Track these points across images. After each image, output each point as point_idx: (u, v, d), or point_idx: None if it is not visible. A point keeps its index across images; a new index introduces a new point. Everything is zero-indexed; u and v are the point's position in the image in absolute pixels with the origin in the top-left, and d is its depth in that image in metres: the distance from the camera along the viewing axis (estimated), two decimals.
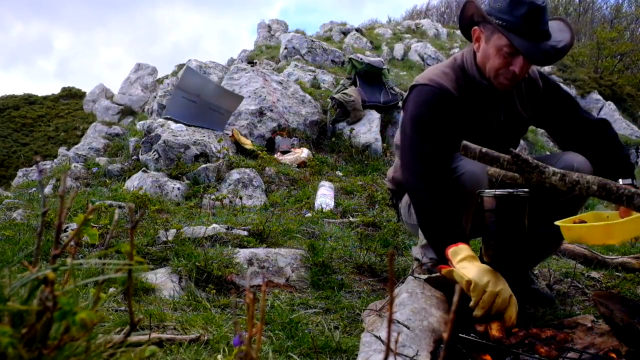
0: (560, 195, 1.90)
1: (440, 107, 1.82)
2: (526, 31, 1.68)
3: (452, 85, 1.85)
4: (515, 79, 1.78)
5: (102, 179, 4.79)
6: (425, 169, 1.77)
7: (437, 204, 1.71)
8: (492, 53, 1.77)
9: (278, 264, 2.32)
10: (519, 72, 1.74)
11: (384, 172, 5.32)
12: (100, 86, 17.89)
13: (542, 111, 1.99)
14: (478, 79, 1.86)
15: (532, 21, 1.68)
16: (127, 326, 0.71)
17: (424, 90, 1.86)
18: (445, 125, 1.82)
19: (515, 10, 1.68)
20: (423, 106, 1.84)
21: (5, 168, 16.19)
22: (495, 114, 1.92)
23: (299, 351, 1.47)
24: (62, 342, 0.57)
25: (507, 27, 1.69)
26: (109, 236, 0.77)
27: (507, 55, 1.73)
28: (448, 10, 24.21)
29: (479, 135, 1.81)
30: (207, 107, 5.22)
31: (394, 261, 0.43)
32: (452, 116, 1.84)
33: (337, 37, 13.23)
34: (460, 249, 1.60)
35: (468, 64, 1.89)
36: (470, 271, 1.51)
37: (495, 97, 1.90)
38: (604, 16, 21.23)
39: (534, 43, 1.69)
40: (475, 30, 1.84)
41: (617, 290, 2.29)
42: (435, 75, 1.88)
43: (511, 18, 1.68)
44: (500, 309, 1.47)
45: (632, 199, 1.08)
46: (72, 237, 0.65)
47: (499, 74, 1.79)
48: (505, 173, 1.35)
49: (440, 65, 1.97)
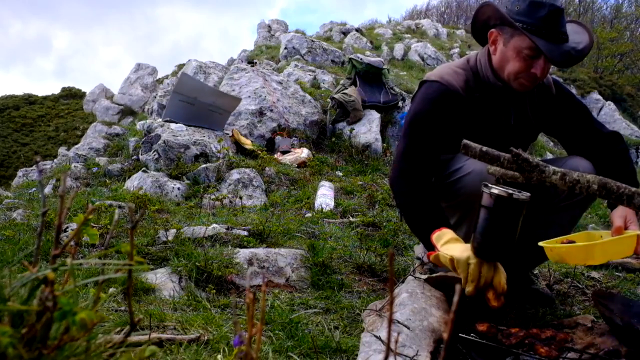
0: (563, 199, 1.90)
1: (443, 106, 1.83)
2: (547, 33, 1.67)
3: (461, 85, 1.86)
4: (536, 80, 1.78)
5: (102, 179, 4.79)
6: (410, 166, 1.81)
7: (417, 196, 1.77)
8: (512, 55, 1.76)
9: (278, 264, 2.32)
10: (540, 74, 1.74)
11: (384, 172, 5.32)
12: (100, 86, 17.89)
13: (553, 118, 1.98)
14: (492, 81, 1.85)
15: (552, 23, 1.67)
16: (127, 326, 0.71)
17: (433, 87, 1.88)
18: (446, 124, 1.83)
19: (535, 12, 1.68)
20: (426, 103, 1.86)
21: (5, 168, 16.19)
22: (505, 117, 1.92)
23: (299, 351, 1.47)
24: (62, 342, 0.57)
25: (527, 29, 1.69)
26: (109, 236, 0.77)
27: (527, 58, 1.73)
28: (448, 10, 24.22)
29: (486, 137, 1.80)
30: (205, 108, 5.23)
31: (394, 261, 0.43)
32: (457, 116, 1.84)
33: (337, 37, 13.23)
34: (444, 232, 1.64)
35: (482, 66, 1.88)
36: (453, 250, 1.57)
37: (506, 101, 1.90)
38: (604, 16, 21.24)
39: (555, 44, 1.69)
40: (492, 33, 1.83)
41: (617, 290, 2.29)
42: (446, 73, 1.89)
43: (531, 20, 1.68)
44: (488, 279, 1.50)
45: (632, 198, 1.08)
46: (72, 237, 0.65)
47: (519, 77, 1.78)
48: (505, 172, 1.34)
49: (452, 64, 1.97)
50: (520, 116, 1.94)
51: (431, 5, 25.10)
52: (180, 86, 5.21)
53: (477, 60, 1.92)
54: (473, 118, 1.87)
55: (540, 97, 1.96)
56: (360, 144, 5.97)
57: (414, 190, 1.78)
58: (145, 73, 16.15)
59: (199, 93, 5.17)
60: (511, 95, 1.88)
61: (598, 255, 1.57)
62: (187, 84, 5.24)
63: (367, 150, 5.92)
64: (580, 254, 1.56)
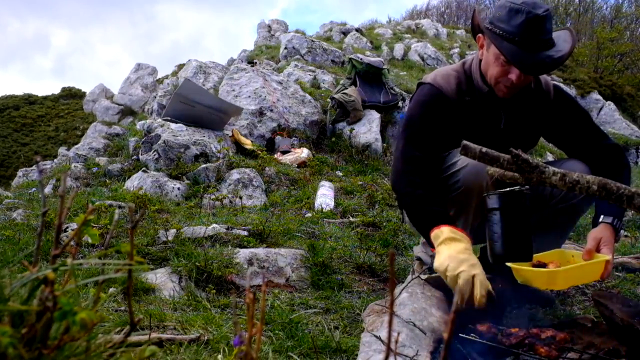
0: (559, 202, 1.90)
1: (434, 108, 1.87)
2: (521, 40, 1.67)
3: (452, 87, 1.88)
4: (513, 87, 1.79)
5: (102, 179, 4.78)
6: (409, 167, 1.83)
7: (418, 193, 1.77)
8: (492, 61, 1.79)
9: (278, 264, 2.32)
10: (516, 80, 1.74)
11: (384, 172, 5.32)
12: (100, 86, 17.89)
13: (551, 125, 1.98)
14: (479, 85, 1.88)
15: (529, 30, 1.67)
16: (127, 326, 0.71)
17: (425, 89, 1.92)
18: (437, 127, 1.86)
19: (513, 20, 1.68)
20: (418, 106, 1.91)
21: (5, 168, 16.18)
22: (495, 121, 1.92)
23: (299, 351, 1.47)
24: (62, 342, 0.57)
25: (503, 36, 1.70)
26: (109, 236, 0.77)
27: (504, 64, 1.75)
28: (448, 11, 24.21)
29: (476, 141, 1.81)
30: (205, 111, 5.23)
31: (394, 261, 0.43)
32: (447, 118, 1.86)
33: (337, 37, 13.23)
34: (441, 231, 1.64)
35: (473, 69, 1.91)
36: (437, 258, 1.58)
37: (496, 105, 1.90)
38: (604, 16, 21.22)
39: (529, 53, 1.68)
40: (479, 38, 1.87)
41: (617, 290, 2.29)
42: (440, 76, 1.93)
43: (508, 27, 1.69)
44: (463, 291, 1.49)
45: (632, 199, 1.08)
46: (72, 237, 0.65)
47: (498, 82, 1.81)
48: (504, 172, 1.34)
49: (448, 67, 2.01)
50: (511, 121, 1.93)
51: (431, 5, 25.09)
52: (182, 89, 5.21)
53: (472, 63, 1.94)
54: (463, 121, 1.88)
55: (537, 102, 1.95)
56: (360, 144, 5.97)
57: (415, 187, 1.79)
58: (145, 73, 16.14)
59: (200, 98, 5.18)
60: (500, 99, 1.88)
61: (560, 281, 1.59)
62: (190, 89, 5.24)
63: (367, 150, 5.92)
64: (543, 279, 1.58)
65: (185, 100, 5.10)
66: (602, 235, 1.69)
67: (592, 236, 1.71)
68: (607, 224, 1.72)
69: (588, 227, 3.45)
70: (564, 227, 1.98)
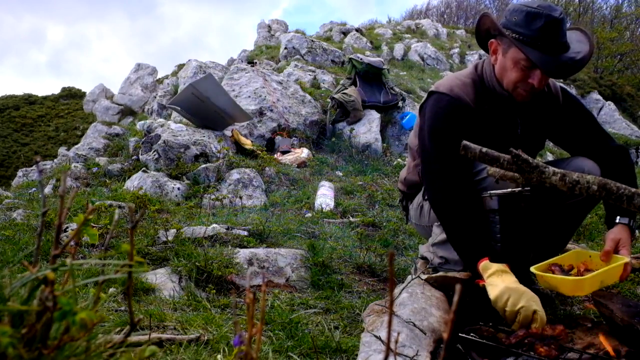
0: (569, 197, 1.89)
1: (456, 119, 1.83)
2: (543, 44, 1.67)
3: (470, 96, 1.86)
4: (533, 91, 1.78)
5: (102, 179, 4.78)
6: (449, 184, 1.78)
7: (464, 219, 1.72)
8: (510, 66, 1.77)
9: (278, 264, 2.32)
10: (537, 85, 1.74)
11: (384, 172, 5.32)
12: (100, 86, 17.89)
13: (559, 127, 1.98)
14: (498, 91, 1.86)
15: (549, 34, 1.67)
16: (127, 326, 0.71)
17: (443, 100, 1.86)
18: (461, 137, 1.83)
19: (532, 24, 1.67)
20: (441, 118, 1.85)
21: (5, 168, 16.18)
22: (512, 127, 1.92)
23: (299, 351, 1.47)
24: (62, 342, 0.57)
25: (523, 41, 1.68)
26: (109, 236, 0.77)
27: (524, 69, 1.73)
28: (448, 11, 24.20)
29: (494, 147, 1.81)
30: (213, 109, 5.21)
31: (394, 261, 0.43)
32: (468, 128, 1.83)
33: (337, 37, 13.23)
34: (490, 264, 1.62)
35: (487, 76, 1.89)
36: (493, 290, 1.56)
37: (513, 110, 1.90)
38: (604, 16, 21.24)
39: (551, 56, 1.68)
40: (492, 43, 1.84)
41: (617, 290, 2.29)
42: (455, 85, 1.88)
43: (528, 31, 1.68)
44: (524, 325, 1.49)
45: (632, 199, 1.08)
46: (72, 237, 0.65)
47: (517, 87, 1.79)
48: (505, 172, 1.34)
49: (460, 74, 1.97)
50: (527, 125, 1.93)
51: (431, 5, 25.11)
52: (201, 81, 5.19)
53: (483, 69, 1.92)
54: (482, 129, 1.86)
55: (548, 106, 1.95)
56: (360, 144, 5.97)
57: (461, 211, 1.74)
58: (145, 73, 16.15)
59: (214, 96, 5.15)
60: (517, 104, 1.88)
61: (587, 287, 1.59)
62: (209, 84, 5.19)
63: (367, 150, 5.92)
64: (570, 286, 1.58)
65: (198, 94, 5.07)
66: (620, 236, 1.69)
67: (610, 237, 1.70)
68: (624, 224, 1.72)
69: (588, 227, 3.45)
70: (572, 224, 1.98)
